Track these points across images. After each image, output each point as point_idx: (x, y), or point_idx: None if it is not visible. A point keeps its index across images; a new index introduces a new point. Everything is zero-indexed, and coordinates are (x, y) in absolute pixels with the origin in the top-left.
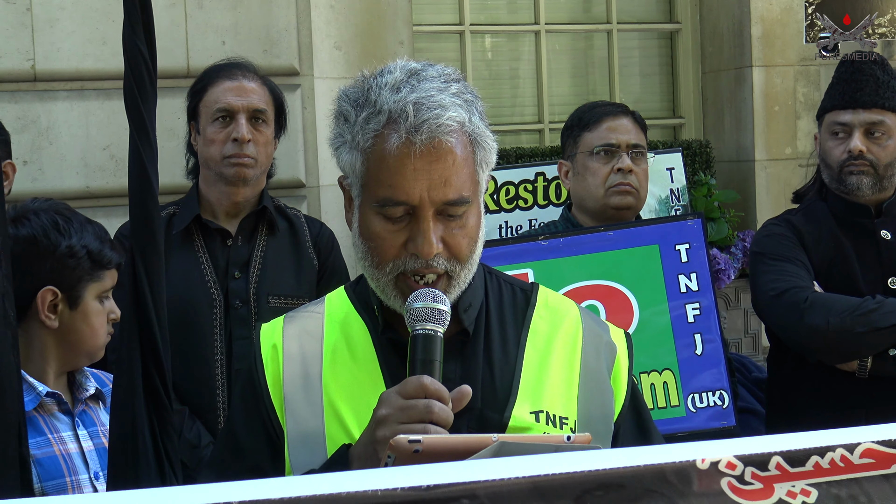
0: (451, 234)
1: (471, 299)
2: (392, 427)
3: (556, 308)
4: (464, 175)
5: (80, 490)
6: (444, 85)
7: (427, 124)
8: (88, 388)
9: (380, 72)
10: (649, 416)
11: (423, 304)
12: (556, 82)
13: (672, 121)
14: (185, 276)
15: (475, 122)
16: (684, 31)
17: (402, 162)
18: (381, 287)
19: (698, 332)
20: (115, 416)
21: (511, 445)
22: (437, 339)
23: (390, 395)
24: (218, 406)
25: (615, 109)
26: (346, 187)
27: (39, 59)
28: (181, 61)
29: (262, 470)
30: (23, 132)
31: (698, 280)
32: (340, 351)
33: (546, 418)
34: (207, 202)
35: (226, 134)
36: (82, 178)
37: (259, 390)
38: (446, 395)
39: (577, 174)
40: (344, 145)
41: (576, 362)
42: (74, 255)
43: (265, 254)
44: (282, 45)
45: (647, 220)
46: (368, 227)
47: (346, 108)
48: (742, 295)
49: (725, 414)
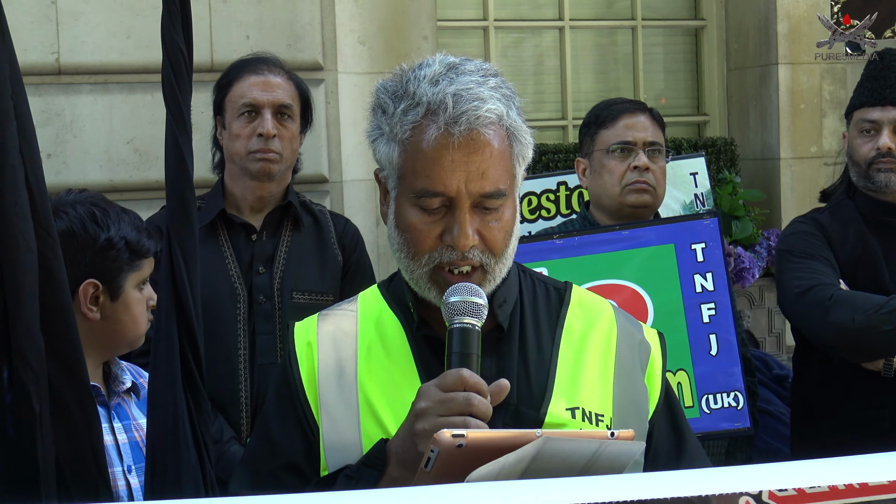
0: (487, 227)
1: (505, 295)
2: (431, 420)
3: (590, 306)
4: (501, 168)
5: (113, 482)
6: (482, 79)
7: (466, 115)
8: (125, 380)
9: (418, 65)
10: (683, 416)
11: (460, 298)
12: (580, 79)
13: (696, 118)
14: (210, 271)
15: (513, 116)
16: (709, 27)
17: (440, 153)
18: (416, 279)
19: (713, 332)
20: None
21: (555, 441)
22: (474, 332)
23: (429, 387)
24: (241, 401)
25: (632, 107)
26: (382, 180)
27: (64, 52)
28: (205, 56)
29: (298, 467)
30: (47, 125)
31: (714, 280)
32: (375, 348)
33: (582, 415)
34: (232, 197)
35: (251, 129)
36: (106, 171)
37: (294, 388)
38: (485, 388)
39: (594, 172)
40: (381, 137)
41: (610, 360)
42: (114, 246)
43: (289, 249)
44: (306, 39)
45: (662, 220)
46: (404, 219)
47: (384, 101)
48: (766, 294)
49: (740, 415)
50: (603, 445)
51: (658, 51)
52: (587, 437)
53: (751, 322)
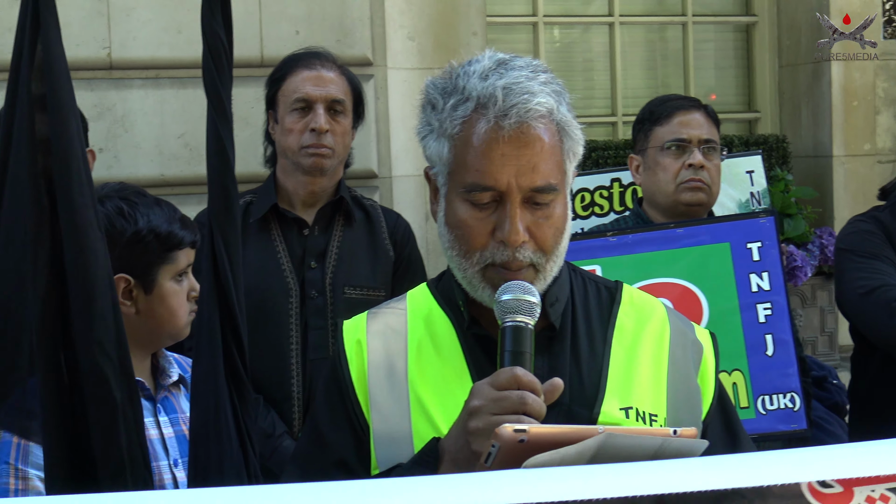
0: (538, 223)
1: (557, 294)
2: (485, 418)
3: (641, 306)
4: (551, 163)
5: (159, 476)
6: (532, 74)
7: (516, 108)
8: (171, 374)
9: (468, 61)
10: (737, 417)
11: (512, 296)
12: (630, 75)
13: (748, 115)
14: (262, 266)
15: (563, 111)
16: (761, 23)
17: (490, 147)
18: (469, 278)
19: (769, 332)
20: (196, 394)
21: (617, 437)
22: (527, 330)
23: (483, 386)
24: (293, 395)
25: (687, 103)
26: (432, 177)
27: (115, 47)
28: (255, 50)
29: (348, 465)
30: (98, 120)
31: (770, 279)
32: (425, 347)
33: (636, 415)
34: (285, 191)
35: (304, 124)
36: (157, 165)
37: (343, 386)
38: (539, 386)
39: (647, 169)
40: (431, 134)
41: (663, 360)
42: (141, 239)
43: (341, 244)
44: (355, 35)
45: (718, 218)
46: (455, 215)
47: (433, 97)
48: (819, 293)
49: (797, 417)
50: (665, 443)
51: (709, 47)
52: (649, 433)
53: (802, 321)
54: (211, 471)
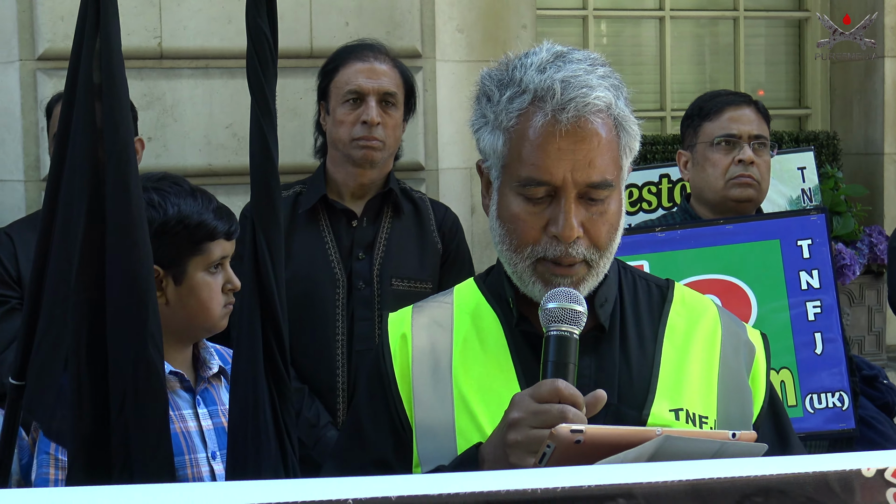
0: (592, 219)
1: (606, 294)
2: (524, 431)
3: (693, 305)
4: (608, 158)
5: (196, 468)
6: (590, 67)
7: (574, 102)
8: (212, 365)
9: (525, 53)
10: (788, 420)
11: (558, 305)
12: (679, 69)
13: (798, 111)
14: (310, 256)
15: (621, 105)
16: (813, 18)
17: (547, 140)
18: (519, 273)
19: (818, 330)
20: (235, 389)
21: (676, 440)
22: (572, 340)
23: (523, 398)
24: (338, 386)
25: (738, 99)
26: (485, 171)
27: (166, 36)
28: (304, 42)
29: (387, 463)
30: (148, 109)
31: (820, 277)
32: (471, 342)
33: (686, 416)
34: (334, 182)
35: (355, 116)
36: (205, 155)
37: (386, 381)
38: (581, 400)
39: (696, 165)
40: (485, 126)
41: (715, 361)
42: (170, 230)
43: (389, 236)
44: (405, 27)
45: (768, 214)
46: (508, 209)
47: (489, 89)
48: (867, 291)
49: (845, 416)
50: (724, 446)
51: (759, 42)
52: (708, 437)
53: (850, 320)
54: (248, 465)
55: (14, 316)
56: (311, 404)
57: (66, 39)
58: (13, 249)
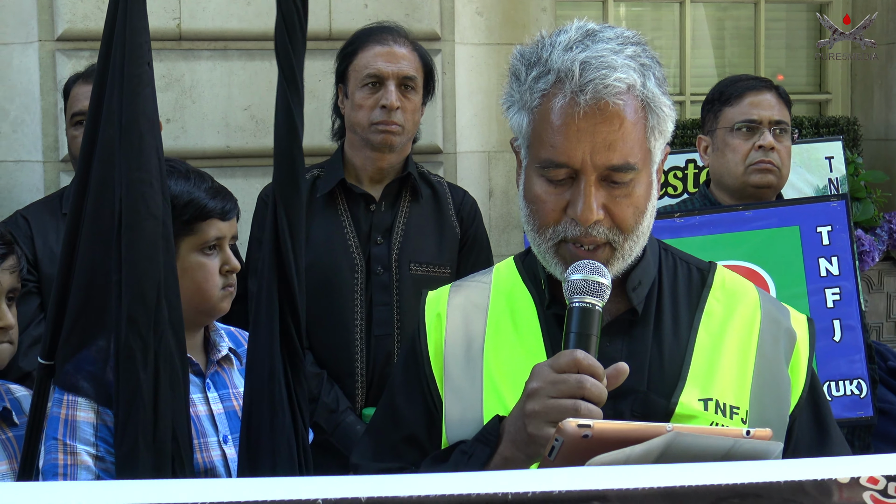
0: (615, 201)
1: (640, 277)
2: (542, 401)
3: (733, 290)
4: (631, 140)
5: (207, 452)
6: (619, 46)
7: (592, 84)
8: (221, 348)
9: (557, 31)
10: (828, 409)
11: (581, 276)
12: (699, 53)
13: (818, 96)
14: (328, 240)
15: (650, 86)
16: (835, 3)
17: (566, 122)
18: (543, 253)
19: (837, 317)
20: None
21: (686, 437)
22: (594, 312)
23: (542, 368)
24: (356, 371)
25: (758, 84)
26: (516, 149)
27: (185, 18)
28: (323, 24)
29: (418, 441)
30: (167, 90)
31: (840, 264)
32: (504, 324)
33: (715, 407)
34: (352, 166)
35: (374, 100)
36: (223, 137)
37: (421, 360)
38: (600, 370)
39: (716, 150)
40: (514, 105)
41: (751, 349)
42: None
43: (408, 220)
44: (424, 9)
45: (788, 201)
46: (531, 190)
47: (517, 68)
48: (886, 278)
49: (863, 404)
50: (737, 444)
51: (780, 26)
52: (720, 434)
53: (868, 306)
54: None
55: (30, 299)
56: (329, 389)
57: (84, 20)
58: (30, 232)
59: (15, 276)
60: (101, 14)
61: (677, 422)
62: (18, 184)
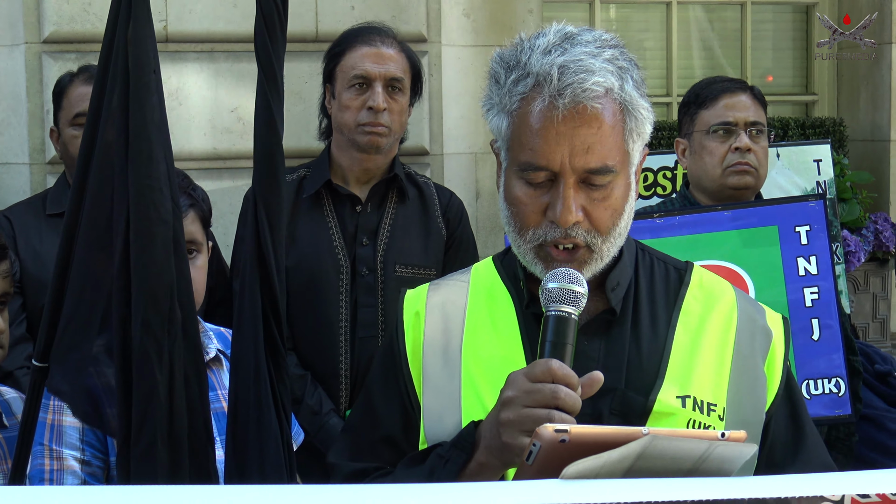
0: (593, 204)
1: (619, 277)
2: (516, 410)
3: (710, 289)
4: (609, 143)
5: None
6: (597, 50)
7: (571, 88)
8: (209, 350)
9: (536, 34)
10: (804, 407)
11: (557, 285)
12: (686, 55)
13: (805, 97)
14: (313, 241)
15: (627, 89)
16: (821, 4)
17: (545, 126)
18: (523, 254)
19: (816, 316)
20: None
21: (662, 440)
22: (570, 321)
23: (517, 377)
24: (341, 373)
25: (733, 86)
26: (496, 151)
27: (172, 20)
28: (310, 25)
29: (395, 441)
30: None
31: (818, 263)
32: (483, 323)
33: (693, 404)
34: (338, 167)
35: (361, 101)
36: (210, 139)
37: (398, 359)
38: (575, 380)
39: (693, 153)
40: (493, 108)
41: (728, 347)
42: None
43: (394, 221)
44: (410, 11)
45: (766, 201)
46: (511, 192)
47: (497, 71)
48: (872, 278)
49: (841, 402)
50: (712, 447)
51: (767, 27)
52: (696, 437)
53: (854, 307)
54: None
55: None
56: (313, 391)
57: (71, 23)
58: (12, 233)
59: (7, 281)
60: (88, 17)
61: (655, 419)
62: (4, 186)
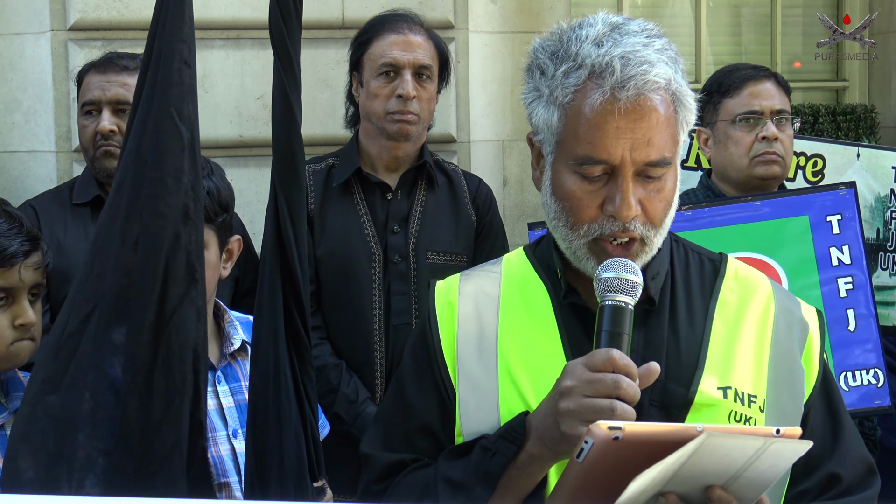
0: (649, 196)
1: (658, 267)
2: (577, 400)
3: (746, 280)
4: (666, 135)
5: (216, 446)
6: (647, 40)
7: (634, 80)
8: (234, 341)
9: (578, 24)
10: (841, 400)
11: (614, 275)
12: (715, 41)
13: (836, 84)
14: (345, 230)
15: (679, 80)
16: None
17: (605, 119)
18: (574, 249)
19: (851, 307)
20: (256, 355)
21: (717, 437)
22: (627, 311)
23: (576, 366)
24: (375, 361)
25: (757, 73)
26: (537, 144)
27: (197, 7)
28: (336, 12)
29: (432, 431)
30: None
31: (850, 253)
32: (518, 313)
33: (734, 395)
34: (367, 155)
35: (390, 89)
36: (236, 126)
37: (432, 349)
38: (635, 370)
39: (717, 143)
40: (539, 99)
41: (766, 338)
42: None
43: (424, 209)
44: None
45: (796, 190)
46: (563, 186)
47: (542, 61)
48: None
49: (881, 393)
50: (767, 443)
51: (797, 13)
52: (750, 433)
53: None
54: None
55: None
56: (349, 380)
57: (97, 10)
58: (37, 223)
59: (39, 273)
60: (114, 4)
61: (697, 410)
62: (31, 174)
